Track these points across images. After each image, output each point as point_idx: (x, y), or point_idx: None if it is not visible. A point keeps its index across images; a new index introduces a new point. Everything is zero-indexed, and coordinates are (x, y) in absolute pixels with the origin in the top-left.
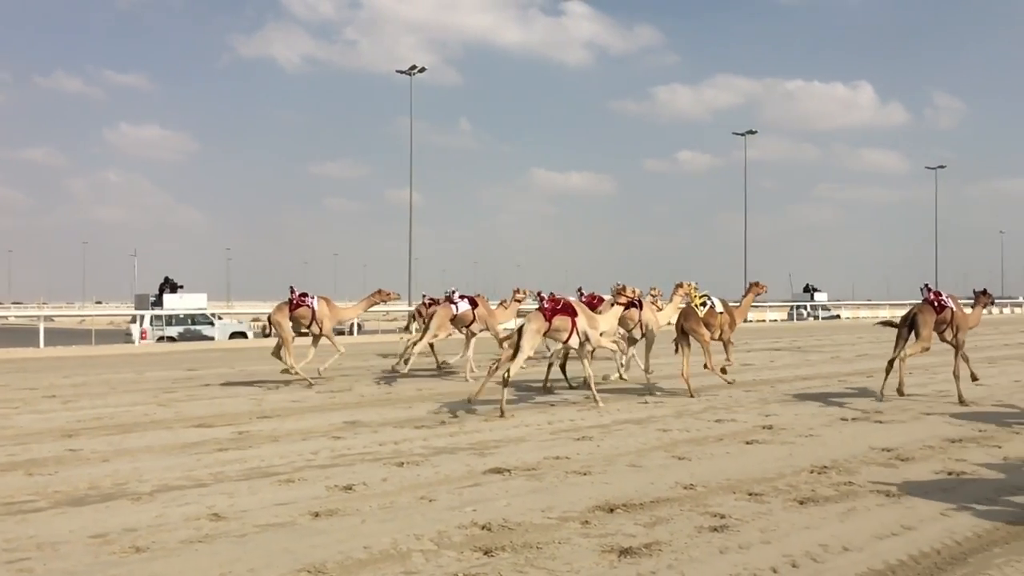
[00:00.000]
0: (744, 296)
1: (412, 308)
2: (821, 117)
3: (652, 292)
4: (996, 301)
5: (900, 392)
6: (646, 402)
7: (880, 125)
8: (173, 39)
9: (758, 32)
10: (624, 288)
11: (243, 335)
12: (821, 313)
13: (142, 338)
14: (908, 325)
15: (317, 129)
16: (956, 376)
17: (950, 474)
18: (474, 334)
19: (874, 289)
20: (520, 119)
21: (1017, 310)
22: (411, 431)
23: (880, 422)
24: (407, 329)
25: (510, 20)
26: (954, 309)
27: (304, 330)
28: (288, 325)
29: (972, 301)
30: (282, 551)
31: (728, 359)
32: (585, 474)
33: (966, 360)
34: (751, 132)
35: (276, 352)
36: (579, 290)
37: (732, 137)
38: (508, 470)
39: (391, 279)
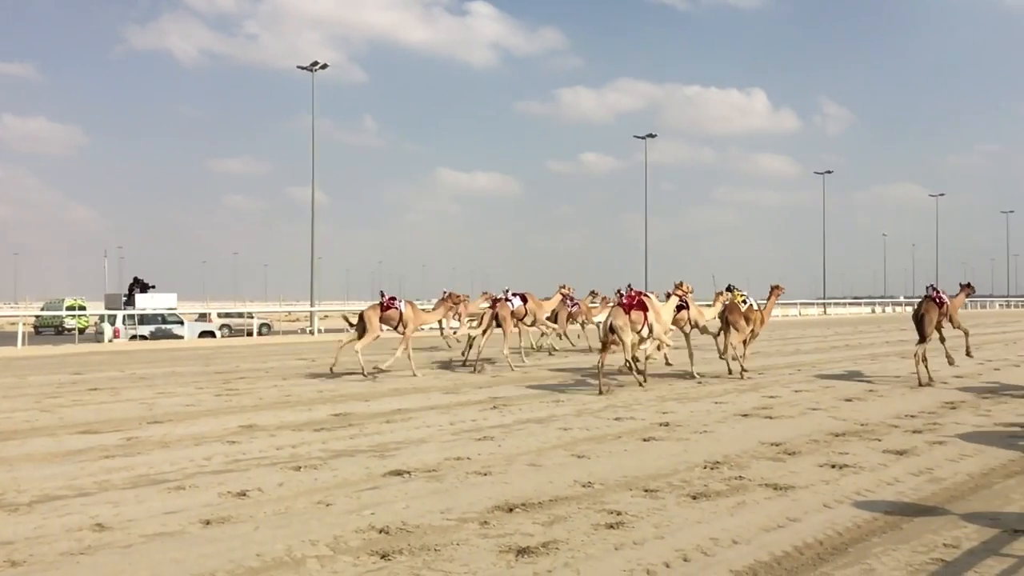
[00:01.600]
0: (768, 299)
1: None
2: (718, 122)
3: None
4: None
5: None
6: (559, 401)
7: (773, 131)
8: (62, 27)
9: (659, 38)
10: (682, 283)
11: (211, 334)
12: None
13: (115, 336)
14: (919, 321)
15: (216, 125)
16: (948, 358)
17: (833, 467)
18: (527, 325)
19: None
20: (425, 118)
21: (899, 309)
22: (310, 434)
23: (770, 418)
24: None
25: (415, 19)
26: (948, 302)
27: (391, 329)
28: (377, 322)
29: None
30: (169, 561)
31: (744, 355)
32: (485, 474)
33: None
34: (651, 135)
35: (346, 344)
36: (618, 292)
37: (634, 140)
38: (408, 472)
39: (293, 279)
